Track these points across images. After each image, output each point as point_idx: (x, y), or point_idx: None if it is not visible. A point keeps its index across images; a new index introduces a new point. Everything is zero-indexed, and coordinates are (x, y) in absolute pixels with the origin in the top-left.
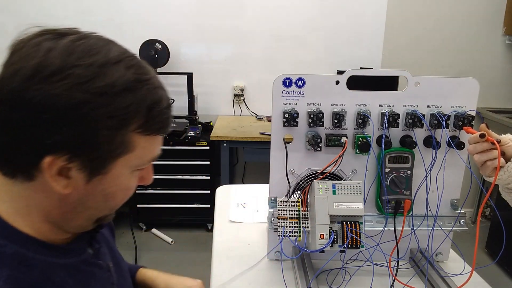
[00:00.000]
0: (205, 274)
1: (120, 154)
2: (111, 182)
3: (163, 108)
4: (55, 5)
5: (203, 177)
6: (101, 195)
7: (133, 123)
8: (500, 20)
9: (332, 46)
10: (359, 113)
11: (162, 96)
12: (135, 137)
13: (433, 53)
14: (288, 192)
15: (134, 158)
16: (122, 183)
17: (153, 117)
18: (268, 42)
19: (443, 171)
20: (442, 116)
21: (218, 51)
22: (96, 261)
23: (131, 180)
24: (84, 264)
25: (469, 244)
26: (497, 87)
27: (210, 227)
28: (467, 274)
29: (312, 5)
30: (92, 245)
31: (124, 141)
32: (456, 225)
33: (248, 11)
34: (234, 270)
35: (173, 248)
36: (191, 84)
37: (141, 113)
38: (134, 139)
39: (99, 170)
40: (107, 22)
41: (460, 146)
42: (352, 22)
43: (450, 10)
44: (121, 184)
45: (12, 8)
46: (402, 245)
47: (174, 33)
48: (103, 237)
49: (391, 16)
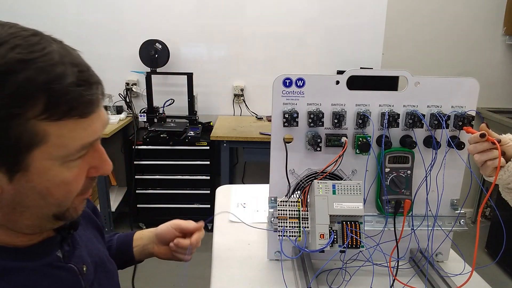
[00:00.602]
0: (205, 274)
1: (30, 147)
2: (38, 178)
3: (66, 85)
4: (55, 5)
5: (203, 177)
6: (34, 193)
7: (29, 110)
8: (500, 20)
9: (332, 46)
10: (359, 113)
11: (63, 72)
12: (41, 125)
13: (433, 53)
14: (288, 192)
15: (53, 149)
16: (55, 178)
17: (56, 98)
18: (268, 42)
19: (443, 171)
20: (442, 116)
21: (218, 51)
22: (64, 264)
23: (66, 173)
24: (49, 267)
25: (469, 244)
26: (497, 87)
27: (210, 227)
28: (467, 274)
29: (312, 5)
30: (62, 247)
31: (27, 132)
32: (456, 225)
33: (248, 11)
34: (234, 270)
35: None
36: (191, 84)
37: (35, 96)
38: (41, 127)
39: (16, 167)
40: (107, 22)
41: (460, 146)
42: (352, 22)
43: (450, 10)
44: (53, 179)
45: (12, 8)
46: (402, 245)
47: (174, 33)
48: (85, 238)
49: (391, 16)
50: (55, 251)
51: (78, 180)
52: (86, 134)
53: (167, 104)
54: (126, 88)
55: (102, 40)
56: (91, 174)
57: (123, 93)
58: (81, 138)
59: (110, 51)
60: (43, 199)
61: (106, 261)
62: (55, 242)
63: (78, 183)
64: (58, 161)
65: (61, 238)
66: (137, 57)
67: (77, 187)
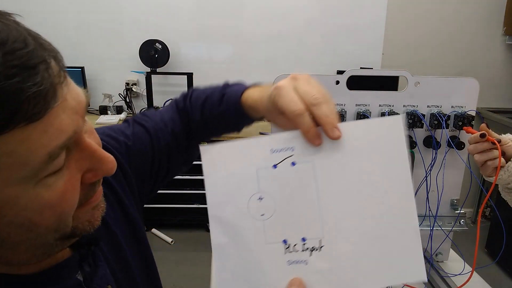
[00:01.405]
0: (205, 274)
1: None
2: (10, 210)
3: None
4: (55, 5)
5: (203, 177)
6: (15, 228)
7: None
8: (500, 20)
9: (332, 46)
10: (359, 113)
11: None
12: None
13: (433, 53)
14: None
15: (9, 172)
16: (32, 205)
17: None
18: (268, 42)
19: (443, 171)
20: (442, 116)
21: (218, 51)
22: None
23: (44, 194)
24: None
25: (469, 244)
26: (497, 87)
27: None
28: (467, 274)
29: (312, 5)
30: (82, 268)
31: None
32: (456, 225)
33: (248, 11)
34: None
35: (173, 248)
36: (191, 84)
37: None
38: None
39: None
40: (107, 22)
41: (460, 146)
42: (352, 22)
43: (450, 10)
44: (30, 206)
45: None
46: None
47: (174, 33)
48: (107, 250)
49: (391, 16)
50: (75, 273)
51: (68, 195)
52: (48, 137)
53: (167, 104)
54: (126, 88)
55: (102, 40)
56: (88, 180)
57: (123, 93)
58: (43, 145)
59: (110, 51)
60: (30, 231)
61: (130, 267)
62: (74, 263)
63: (70, 200)
64: (26, 184)
65: (79, 257)
66: (137, 57)
67: (69, 204)
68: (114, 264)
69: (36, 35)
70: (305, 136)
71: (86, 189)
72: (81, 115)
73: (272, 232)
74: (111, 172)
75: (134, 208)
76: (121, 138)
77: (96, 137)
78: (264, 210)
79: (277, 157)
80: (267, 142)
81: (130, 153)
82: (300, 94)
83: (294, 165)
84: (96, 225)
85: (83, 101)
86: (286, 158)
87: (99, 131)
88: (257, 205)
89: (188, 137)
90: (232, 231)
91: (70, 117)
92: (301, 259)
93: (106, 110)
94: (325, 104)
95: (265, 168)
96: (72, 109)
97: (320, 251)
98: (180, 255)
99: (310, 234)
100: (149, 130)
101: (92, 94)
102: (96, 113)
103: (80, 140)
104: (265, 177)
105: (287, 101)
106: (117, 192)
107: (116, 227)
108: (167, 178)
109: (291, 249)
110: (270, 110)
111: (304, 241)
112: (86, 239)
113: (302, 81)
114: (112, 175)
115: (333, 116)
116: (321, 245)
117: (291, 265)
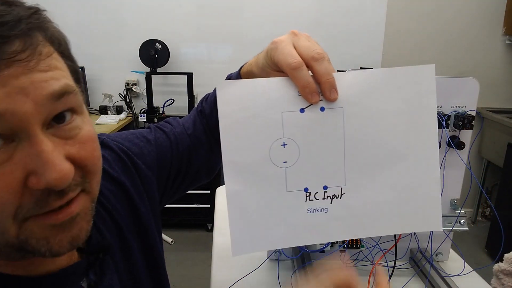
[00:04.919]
0: (205, 274)
1: None
2: None
3: None
4: (55, 5)
5: None
6: None
7: None
8: (500, 20)
9: (332, 46)
10: None
11: None
12: None
13: (433, 53)
14: None
15: None
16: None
17: None
18: (268, 42)
19: (443, 171)
20: (442, 116)
21: (218, 51)
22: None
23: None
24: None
25: (469, 244)
26: (497, 87)
27: (210, 227)
28: (467, 274)
29: (312, 5)
30: (88, 275)
31: None
32: (456, 225)
33: (248, 11)
34: (234, 270)
35: (173, 248)
36: (191, 84)
37: None
38: None
39: None
40: (107, 22)
41: (460, 146)
42: (352, 22)
43: (450, 10)
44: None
45: None
46: (402, 245)
47: (174, 33)
48: (119, 258)
49: (391, 16)
50: (79, 281)
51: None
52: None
53: (167, 104)
54: (126, 88)
55: (102, 40)
56: (32, 185)
57: (123, 93)
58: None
59: (110, 51)
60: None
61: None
62: (80, 270)
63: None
64: None
65: (87, 264)
66: (137, 57)
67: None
68: (124, 273)
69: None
70: (301, 92)
71: (34, 198)
72: (35, 101)
73: (294, 180)
74: (57, 184)
75: (149, 216)
76: (143, 143)
77: (85, 149)
78: (287, 157)
79: (304, 100)
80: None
81: (152, 159)
82: (299, 49)
83: (323, 110)
84: (55, 250)
85: (48, 89)
86: None
87: (121, 136)
88: (280, 152)
89: (208, 136)
90: (250, 178)
91: (10, 95)
92: (322, 207)
93: (106, 110)
94: (327, 61)
95: (291, 111)
96: (19, 89)
97: (341, 199)
98: (180, 255)
99: (333, 182)
100: (170, 136)
101: (92, 94)
102: (96, 113)
103: (29, 132)
104: (290, 121)
105: (284, 54)
106: (133, 198)
107: (130, 233)
108: (189, 183)
109: (311, 197)
110: (265, 68)
111: (325, 189)
112: (95, 246)
113: (303, 37)
114: (130, 181)
115: (333, 76)
116: (342, 193)
117: (311, 213)
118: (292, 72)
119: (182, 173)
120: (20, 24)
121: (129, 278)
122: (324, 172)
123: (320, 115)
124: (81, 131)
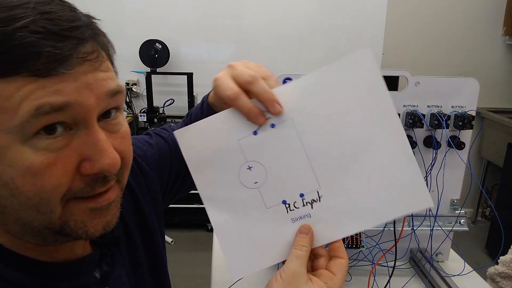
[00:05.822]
0: (205, 274)
1: None
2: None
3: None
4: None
5: None
6: (1, 185)
7: None
8: (500, 20)
9: (332, 46)
10: None
11: (15, 15)
12: None
13: (433, 53)
14: None
15: (3, 116)
16: (17, 162)
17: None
18: (269, 42)
19: (443, 171)
20: (442, 116)
21: (218, 51)
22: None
23: (30, 156)
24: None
25: (469, 244)
26: (497, 87)
27: (210, 227)
28: (467, 274)
29: (313, 5)
30: (101, 266)
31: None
32: (456, 225)
33: (248, 11)
34: None
35: (173, 248)
36: (191, 84)
37: None
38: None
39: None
40: (107, 22)
41: (460, 146)
42: (352, 22)
43: (450, 10)
44: (15, 163)
45: None
46: (402, 245)
47: (174, 33)
48: (125, 253)
49: (391, 16)
50: (93, 270)
51: (54, 171)
52: (43, 92)
53: (167, 104)
54: (126, 88)
55: None
56: (84, 170)
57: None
58: (37, 96)
59: None
60: (13, 196)
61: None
62: (93, 260)
63: (54, 177)
64: (15, 134)
65: (100, 255)
66: (137, 57)
67: (52, 182)
68: (129, 268)
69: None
70: (247, 118)
71: (83, 182)
72: (97, 96)
73: (270, 196)
74: (109, 169)
75: (153, 217)
76: (146, 147)
77: (125, 143)
78: (257, 178)
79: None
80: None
81: (154, 161)
82: (236, 78)
83: (273, 126)
84: (90, 233)
85: (107, 87)
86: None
87: None
88: (248, 175)
89: None
90: (229, 207)
91: (79, 89)
92: (304, 213)
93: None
94: (262, 80)
95: (246, 136)
96: (87, 85)
97: (321, 201)
98: (180, 255)
99: (307, 188)
100: (168, 141)
101: None
102: None
103: (89, 123)
104: (248, 145)
105: (223, 88)
106: (139, 198)
107: (135, 231)
108: (189, 185)
109: (292, 207)
110: (218, 102)
111: (302, 196)
112: (108, 238)
113: (239, 66)
114: (135, 182)
115: (270, 92)
116: (320, 196)
117: (296, 221)
118: (233, 103)
119: (182, 175)
120: (88, 28)
121: (133, 274)
122: (296, 181)
123: (273, 132)
124: (122, 127)
